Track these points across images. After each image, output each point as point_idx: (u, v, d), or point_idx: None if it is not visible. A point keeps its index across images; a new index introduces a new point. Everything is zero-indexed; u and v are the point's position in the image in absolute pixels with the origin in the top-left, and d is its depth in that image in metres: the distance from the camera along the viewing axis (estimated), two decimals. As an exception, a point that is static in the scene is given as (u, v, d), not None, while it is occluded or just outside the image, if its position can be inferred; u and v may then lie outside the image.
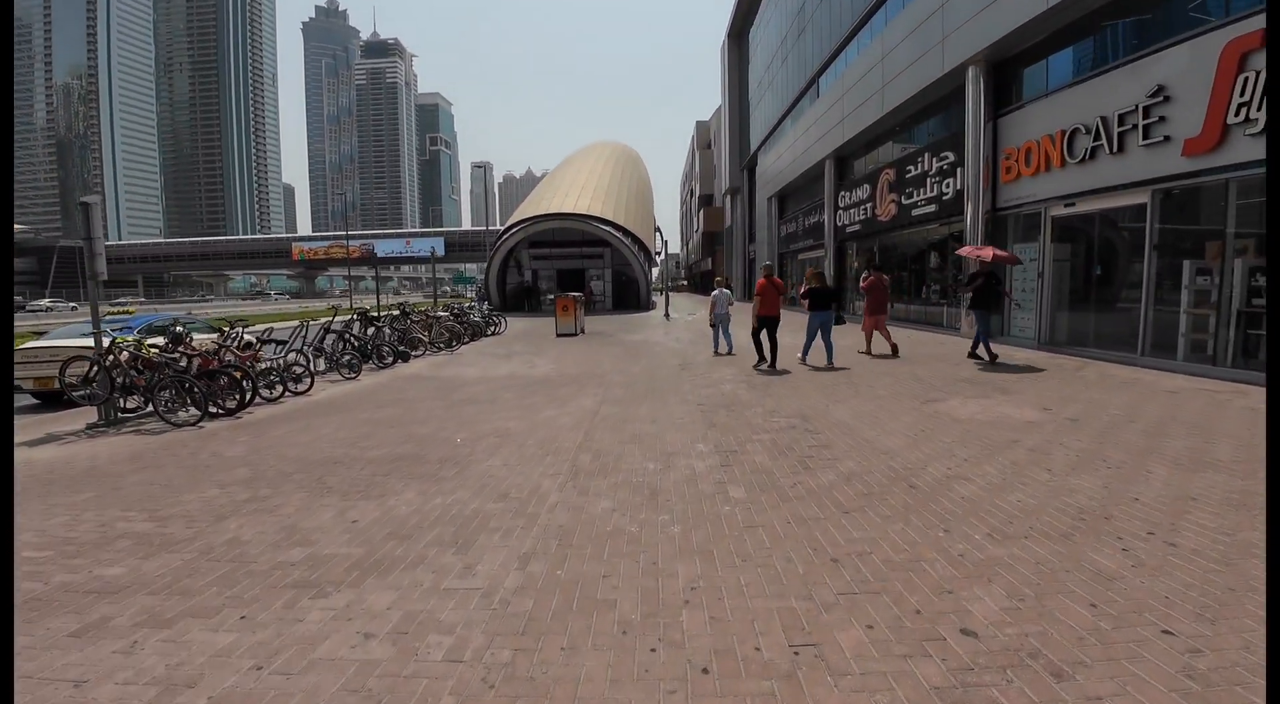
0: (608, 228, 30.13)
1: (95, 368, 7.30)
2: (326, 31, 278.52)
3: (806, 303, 10.51)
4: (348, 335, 12.14)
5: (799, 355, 10.77)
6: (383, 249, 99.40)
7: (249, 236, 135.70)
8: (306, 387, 9.35)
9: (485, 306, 20.71)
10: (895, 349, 11.42)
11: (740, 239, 44.30)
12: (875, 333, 11.87)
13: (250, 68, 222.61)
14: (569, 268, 32.01)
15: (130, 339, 8.13)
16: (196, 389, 7.37)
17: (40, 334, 11.63)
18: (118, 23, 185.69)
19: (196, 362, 8.10)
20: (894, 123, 19.13)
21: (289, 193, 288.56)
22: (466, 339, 16.34)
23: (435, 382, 10.10)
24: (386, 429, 6.66)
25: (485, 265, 33.17)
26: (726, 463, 5.02)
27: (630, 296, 31.39)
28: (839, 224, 23.04)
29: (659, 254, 60.79)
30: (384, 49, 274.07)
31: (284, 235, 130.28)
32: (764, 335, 10.28)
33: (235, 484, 4.89)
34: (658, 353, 12.90)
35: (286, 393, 9.03)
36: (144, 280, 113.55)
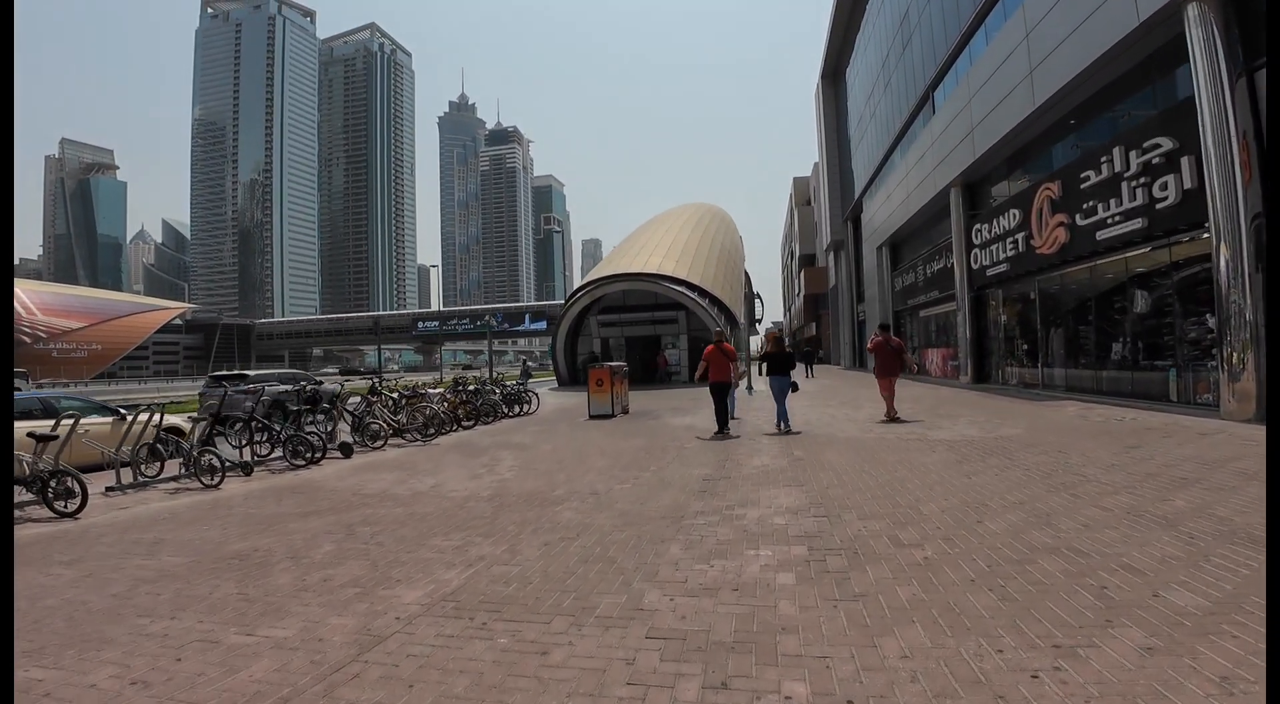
0: (680, 288, 26.10)
1: None
2: (459, 124, 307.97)
3: (764, 368, 10.11)
4: (255, 423, 8.74)
5: (780, 424, 9.72)
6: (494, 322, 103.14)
7: (376, 313, 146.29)
8: (76, 506, 5.79)
9: (518, 381, 17.31)
10: (894, 415, 10.33)
11: (847, 299, 38.77)
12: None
13: (393, 160, 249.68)
14: (640, 335, 28.14)
15: None
16: None
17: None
18: (290, 124, 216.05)
19: None
20: (1052, 119, 13.98)
21: (424, 273, 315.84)
22: (466, 423, 12.63)
23: (289, 503, 6.18)
24: None
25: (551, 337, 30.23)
26: None
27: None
28: (974, 267, 17.57)
29: (759, 321, 55.99)
30: (504, 136, 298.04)
31: (407, 312, 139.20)
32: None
33: None
34: (691, 451, 8.32)
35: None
36: (290, 355, 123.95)
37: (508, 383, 16.92)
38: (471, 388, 14.62)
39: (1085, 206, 12.09)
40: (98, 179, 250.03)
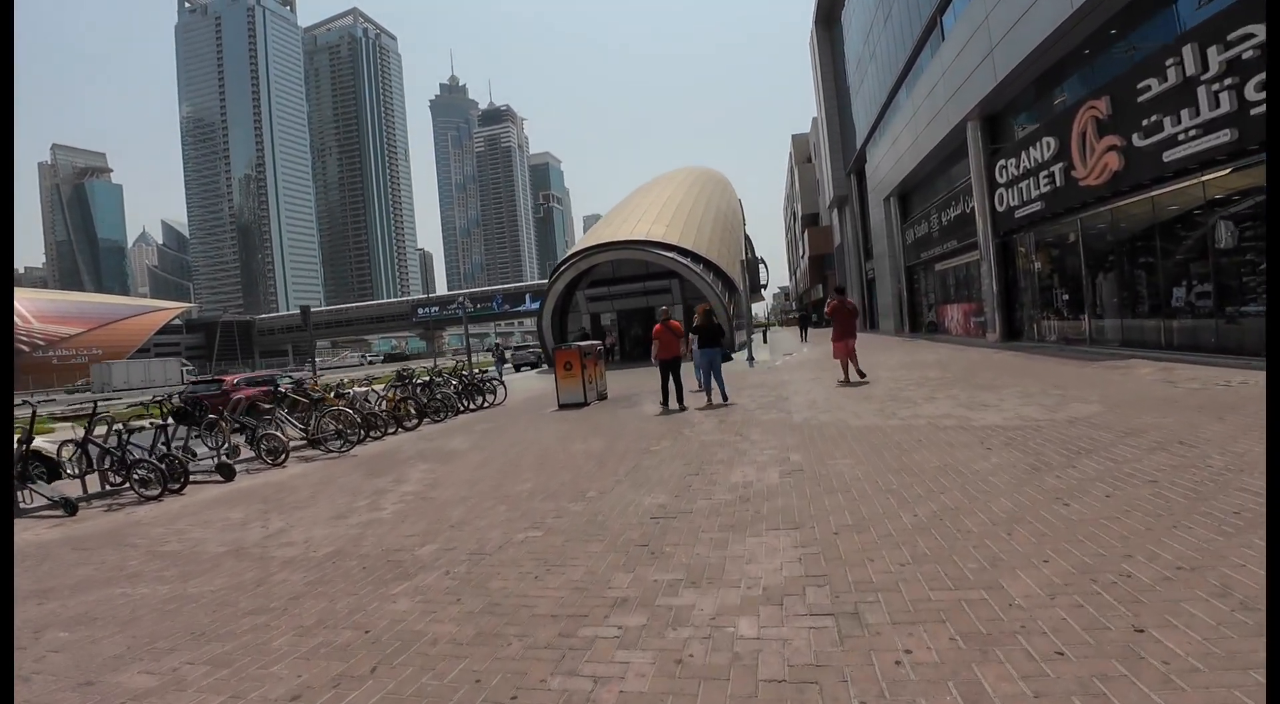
0: (671, 254, 23.78)
1: None
2: (451, 106, 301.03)
3: (695, 340, 10.11)
4: (91, 442, 6.78)
5: (709, 396, 9.90)
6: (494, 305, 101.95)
7: (376, 302, 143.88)
8: None
9: (482, 369, 15.78)
10: (862, 375, 10.46)
11: (854, 257, 36.33)
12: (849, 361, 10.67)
13: (387, 147, 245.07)
14: (632, 307, 25.94)
15: None
16: None
17: None
18: (279, 116, 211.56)
19: None
20: (1093, 26, 11.60)
21: (427, 258, 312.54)
22: (409, 424, 10.62)
23: (42, 571, 4.19)
24: None
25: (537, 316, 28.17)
26: None
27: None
28: (999, 209, 15.24)
29: (764, 286, 54.24)
30: (497, 116, 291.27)
31: (406, 299, 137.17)
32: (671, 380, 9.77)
33: None
34: (655, 458, 6.27)
35: None
36: (293, 348, 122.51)
37: (487, 370, 14.94)
38: (424, 380, 12.65)
39: (1146, 123, 9.76)
40: (93, 183, 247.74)
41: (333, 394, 9.81)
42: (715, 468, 5.32)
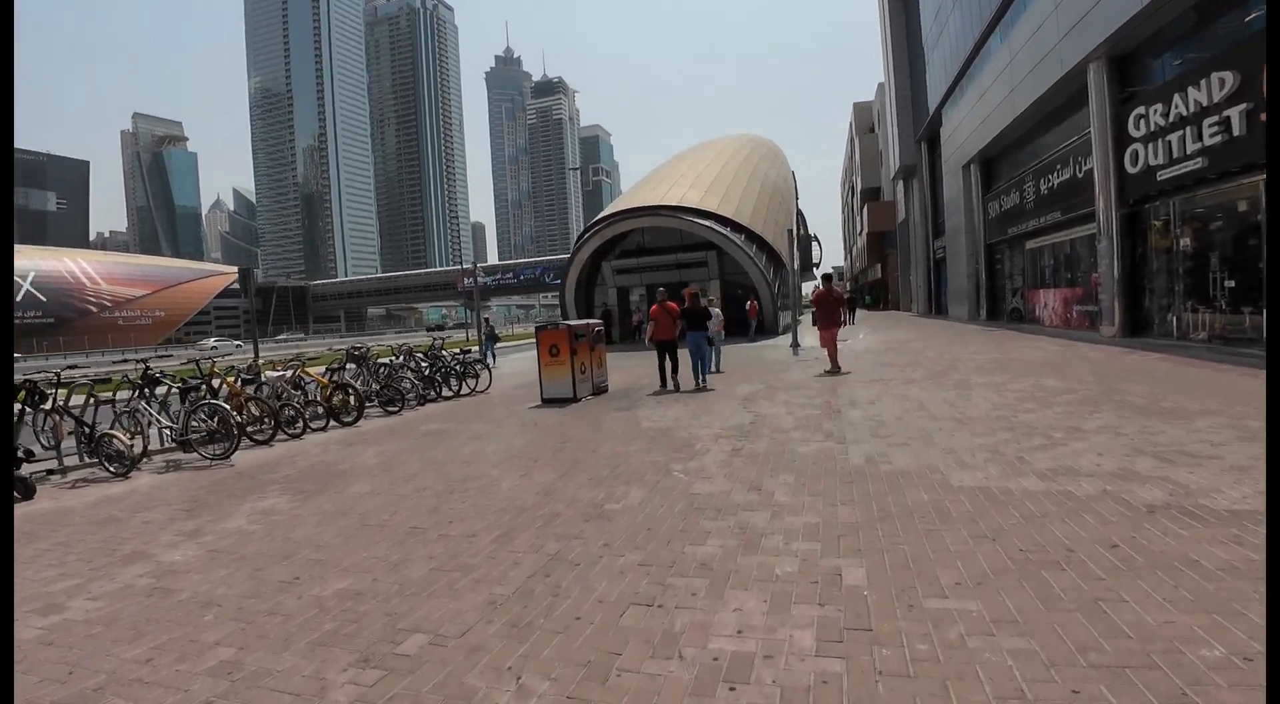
0: (709, 223, 20.79)
1: None
2: (505, 78, 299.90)
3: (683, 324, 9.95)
4: None
5: (697, 380, 9.73)
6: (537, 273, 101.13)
7: (424, 271, 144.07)
8: None
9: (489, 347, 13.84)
10: (836, 368, 10.26)
11: (920, 234, 32.39)
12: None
13: (442, 118, 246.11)
14: (663, 282, 23.09)
15: None
16: None
17: None
18: (340, 88, 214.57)
19: None
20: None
21: (479, 230, 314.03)
22: (346, 418, 8.30)
23: None
24: None
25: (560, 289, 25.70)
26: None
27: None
28: (1131, 170, 11.75)
29: (816, 265, 50.30)
30: (550, 88, 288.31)
31: (452, 268, 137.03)
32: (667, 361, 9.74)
33: None
34: (600, 542, 3.64)
35: None
36: (345, 315, 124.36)
37: (471, 351, 12.60)
38: (385, 361, 10.35)
39: None
40: (170, 151, 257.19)
41: (237, 380, 7.55)
42: (691, 585, 2.66)
